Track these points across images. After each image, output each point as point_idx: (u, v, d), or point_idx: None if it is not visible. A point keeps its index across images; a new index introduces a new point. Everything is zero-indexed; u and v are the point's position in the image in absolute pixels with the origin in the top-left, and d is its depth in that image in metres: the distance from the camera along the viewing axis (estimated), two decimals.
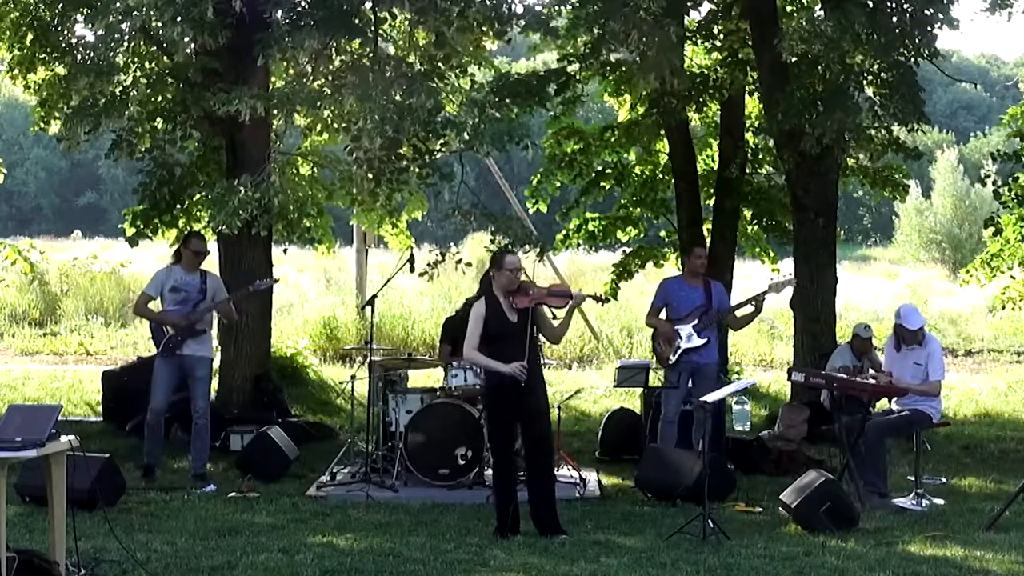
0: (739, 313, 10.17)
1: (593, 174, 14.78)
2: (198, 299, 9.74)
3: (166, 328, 9.68)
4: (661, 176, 14.86)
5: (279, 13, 10.65)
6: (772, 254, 15.50)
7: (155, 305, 9.88)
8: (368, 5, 10.98)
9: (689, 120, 14.27)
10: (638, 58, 11.22)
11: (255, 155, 11.19)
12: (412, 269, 10.80)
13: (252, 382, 12.08)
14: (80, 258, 23.38)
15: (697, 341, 9.89)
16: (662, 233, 15.27)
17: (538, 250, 11.27)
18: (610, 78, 13.89)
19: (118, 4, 10.03)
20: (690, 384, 9.88)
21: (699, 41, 13.88)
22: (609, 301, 12.97)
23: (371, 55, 10.88)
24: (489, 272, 7.89)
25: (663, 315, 10.13)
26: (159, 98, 11.45)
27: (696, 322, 9.90)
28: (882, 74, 11.35)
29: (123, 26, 10.45)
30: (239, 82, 10.66)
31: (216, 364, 11.90)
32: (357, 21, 10.65)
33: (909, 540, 7.67)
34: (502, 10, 11.04)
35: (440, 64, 11.68)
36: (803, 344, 12.38)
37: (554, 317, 8.04)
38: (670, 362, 9.97)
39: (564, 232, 15.43)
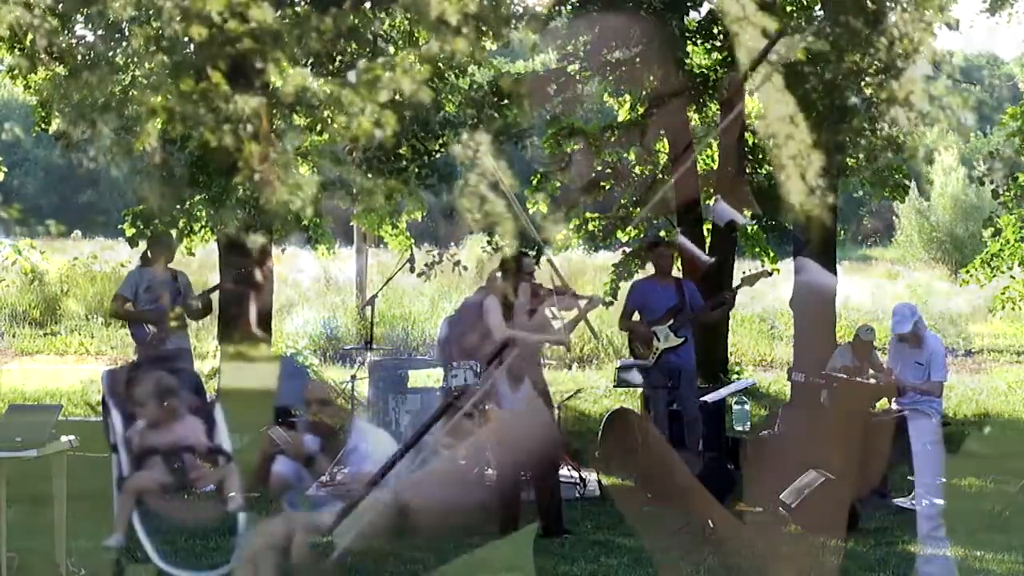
0: (714, 309, 10.23)
1: (593, 174, 14.76)
2: (173, 297, 9.82)
3: (147, 327, 9.74)
4: (661, 176, 14.84)
5: (279, 13, 10.62)
6: (772, 254, 15.48)
7: (129, 307, 9.92)
8: (368, 5, 10.98)
9: (689, 120, 14.26)
10: (639, 57, 11.23)
11: (255, 155, 11.15)
12: (412, 269, 10.80)
13: None
14: (80, 258, 23.36)
15: (675, 340, 9.88)
16: (662, 233, 15.25)
17: (537, 250, 11.26)
18: (610, 78, 13.88)
19: (117, 4, 10.02)
20: (669, 384, 9.89)
21: (699, 41, 13.87)
22: (613, 304, 13.02)
23: (371, 55, 10.87)
24: (497, 272, 7.86)
25: (636, 317, 10.11)
26: (159, 98, 11.41)
27: (672, 322, 9.90)
28: (881, 75, 11.34)
29: (123, 26, 10.46)
30: (239, 82, 10.63)
31: (216, 363, 11.91)
32: (357, 21, 10.64)
33: (909, 540, 7.67)
34: (501, 10, 11.03)
35: (440, 64, 11.67)
36: (803, 344, 12.36)
37: (554, 317, 8.04)
38: (650, 363, 9.97)
39: (564, 232, 15.40)
